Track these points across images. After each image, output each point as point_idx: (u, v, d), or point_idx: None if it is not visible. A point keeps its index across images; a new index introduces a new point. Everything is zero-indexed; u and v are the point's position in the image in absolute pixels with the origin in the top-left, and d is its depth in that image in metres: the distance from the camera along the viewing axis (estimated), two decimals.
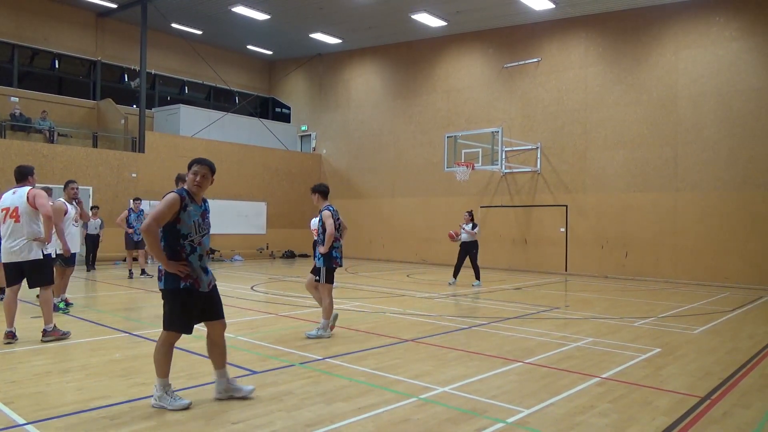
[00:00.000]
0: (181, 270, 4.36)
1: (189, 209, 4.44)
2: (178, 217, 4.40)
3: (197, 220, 4.49)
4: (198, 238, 4.50)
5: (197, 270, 4.47)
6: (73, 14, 21.06)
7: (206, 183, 4.56)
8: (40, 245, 6.71)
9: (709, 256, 15.69)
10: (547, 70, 18.84)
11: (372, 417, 4.36)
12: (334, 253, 7.46)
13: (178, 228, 4.42)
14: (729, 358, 6.57)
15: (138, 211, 14.81)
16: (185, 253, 4.43)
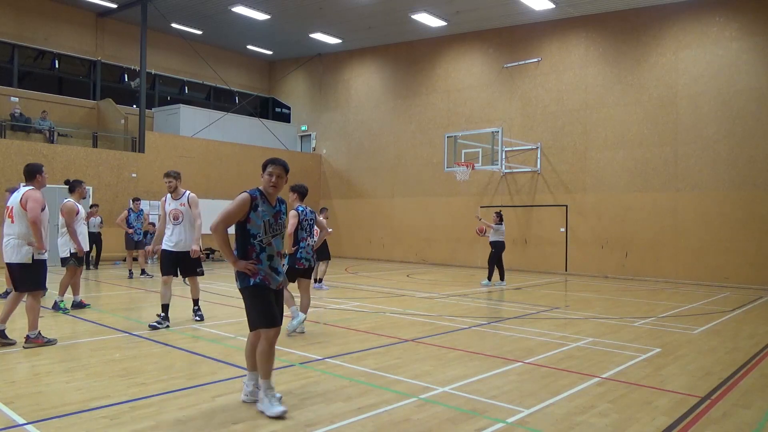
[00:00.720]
0: (248, 268, 4.35)
1: (260, 209, 4.40)
2: (248, 216, 4.38)
3: (268, 221, 4.44)
4: (268, 238, 4.45)
5: (266, 269, 4.43)
6: (73, 14, 21.06)
7: (281, 183, 4.51)
8: (31, 249, 6.48)
9: (709, 256, 15.70)
10: (547, 70, 18.84)
11: (372, 417, 4.36)
12: (299, 254, 7.53)
13: (248, 228, 4.41)
14: (729, 358, 6.57)
15: (138, 211, 14.78)
16: (255, 252, 4.42)
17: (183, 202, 7.98)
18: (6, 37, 19.72)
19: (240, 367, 5.75)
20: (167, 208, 7.99)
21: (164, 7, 19.73)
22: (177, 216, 7.91)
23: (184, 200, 8.00)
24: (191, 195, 8.18)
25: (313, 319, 8.79)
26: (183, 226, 7.98)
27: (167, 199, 8.04)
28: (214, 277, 15.26)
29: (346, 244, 23.47)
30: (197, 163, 21.02)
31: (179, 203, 7.97)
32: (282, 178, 4.51)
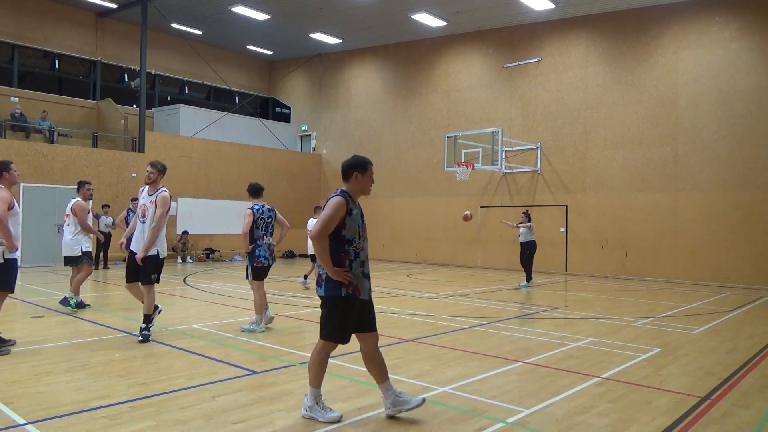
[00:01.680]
0: (345, 278, 4.13)
1: (354, 213, 4.21)
2: (343, 221, 4.16)
3: (361, 224, 4.27)
4: (361, 242, 4.26)
5: (359, 276, 4.21)
6: (73, 14, 21.06)
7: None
8: (2, 249, 6.31)
9: (709, 256, 15.69)
10: (547, 70, 18.84)
11: (372, 417, 4.36)
12: (257, 252, 7.64)
13: (343, 234, 4.17)
14: (729, 358, 6.57)
15: None
16: (349, 259, 4.18)
17: (152, 199, 7.03)
18: (6, 37, 19.71)
19: (240, 367, 5.75)
20: (139, 201, 7.22)
21: (164, 7, 19.73)
22: (144, 213, 6.98)
23: (154, 197, 7.03)
24: (163, 193, 7.12)
25: (313, 319, 8.79)
26: (148, 226, 6.94)
27: (144, 191, 7.25)
28: (214, 277, 15.26)
29: None
30: (197, 163, 21.03)
31: (149, 200, 7.05)
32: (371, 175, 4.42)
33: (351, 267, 4.18)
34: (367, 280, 4.29)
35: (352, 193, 4.28)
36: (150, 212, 6.94)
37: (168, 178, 21.71)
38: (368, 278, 4.31)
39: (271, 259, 7.80)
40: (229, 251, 21.64)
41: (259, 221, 7.71)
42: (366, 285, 4.26)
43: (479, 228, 19.94)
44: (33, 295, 10.93)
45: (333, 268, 4.14)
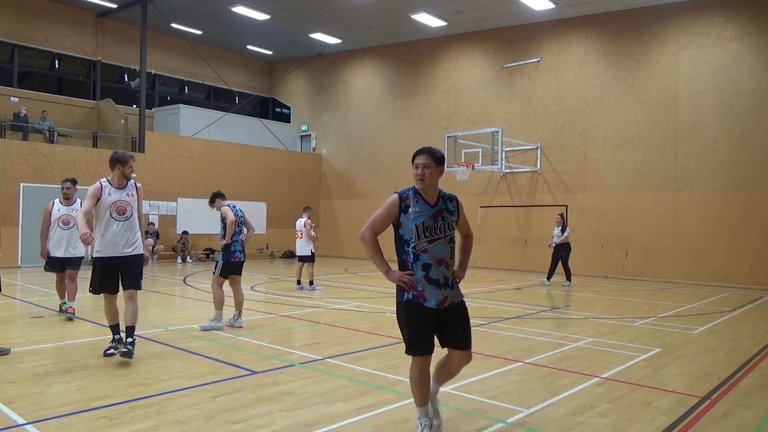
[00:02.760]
0: (403, 280, 3.76)
1: (411, 211, 3.82)
2: (398, 220, 3.91)
3: (423, 223, 3.77)
4: (422, 244, 3.76)
5: (421, 281, 3.74)
6: (73, 14, 21.06)
7: (431, 175, 3.82)
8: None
9: (709, 256, 15.69)
10: (547, 70, 18.84)
11: (372, 417, 4.36)
12: (233, 247, 7.79)
13: (400, 233, 3.90)
14: (729, 358, 6.57)
15: None
16: (409, 261, 3.80)
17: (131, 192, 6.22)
18: (6, 37, 19.71)
19: (240, 367, 5.74)
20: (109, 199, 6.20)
21: (164, 7, 19.73)
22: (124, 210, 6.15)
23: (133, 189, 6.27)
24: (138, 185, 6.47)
25: (313, 319, 8.79)
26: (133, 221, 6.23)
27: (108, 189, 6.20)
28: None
29: (346, 244, 23.47)
30: (197, 163, 21.03)
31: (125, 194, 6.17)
32: (430, 168, 3.81)
33: (413, 270, 3.77)
34: (437, 287, 3.73)
35: (419, 188, 3.87)
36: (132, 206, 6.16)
37: (168, 178, 21.82)
38: (439, 285, 3.74)
39: (243, 256, 7.94)
40: None
41: (239, 219, 7.97)
42: (433, 292, 3.72)
43: (479, 228, 19.92)
44: (33, 295, 10.93)
45: (386, 270, 3.88)
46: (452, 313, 3.78)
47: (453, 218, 3.90)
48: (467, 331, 3.85)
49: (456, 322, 3.81)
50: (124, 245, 6.04)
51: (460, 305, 3.86)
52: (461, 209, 4.02)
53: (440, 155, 3.90)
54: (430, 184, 3.85)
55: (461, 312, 3.85)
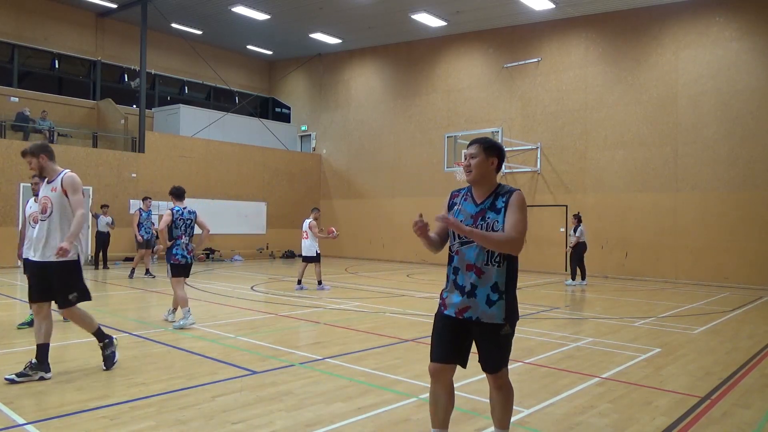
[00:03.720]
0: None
1: (456, 209, 3.44)
2: None
3: (462, 221, 3.32)
4: (456, 245, 3.37)
5: (450, 286, 3.40)
6: (73, 14, 21.06)
7: (480, 166, 3.35)
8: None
9: (709, 256, 15.69)
10: (547, 70, 18.84)
11: (372, 417, 4.36)
12: (174, 250, 8.06)
13: (448, 233, 3.47)
14: (729, 358, 6.57)
15: (148, 210, 14.39)
16: (449, 263, 3.48)
17: (55, 186, 5.34)
18: (6, 37, 19.71)
19: (240, 367, 5.74)
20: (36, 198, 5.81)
21: (164, 7, 19.73)
22: (45, 209, 5.32)
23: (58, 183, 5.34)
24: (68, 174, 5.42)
25: (313, 319, 8.79)
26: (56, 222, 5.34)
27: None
28: (214, 277, 15.27)
29: (346, 244, 23.47)
30: (197, 163, 21.03)
31: (50, 188, 5.37)
32: (477, 158, 3.35)
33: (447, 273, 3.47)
34: (461, 295, 3.31)
35: (468, 181, 3.47)
36: (53, 204, 5.25)
37: (168, 178, 21.86)
38: (463, 292, 3.30)
39: (189, 258, 8.17)
40: (229, 251, 21.63)
41: (178, 221, 8.12)
42: (455, 299, 3.34)
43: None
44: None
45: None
46: (480, 328, 3.32)
47: (496, 217, 3.28)
48: (494, 353, 3.37)
49: (484, 339, 3.35)
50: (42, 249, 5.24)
51: (495, 328, 3.29)
52: (512, 206, 3.28)
53: (491, 144, 3.40)
54: (477, 176, 3.36)
55: (493, 333, 3.31)
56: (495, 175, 3.42)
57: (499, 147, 3.43)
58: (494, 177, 3.42)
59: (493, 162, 3.38)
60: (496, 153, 3.39)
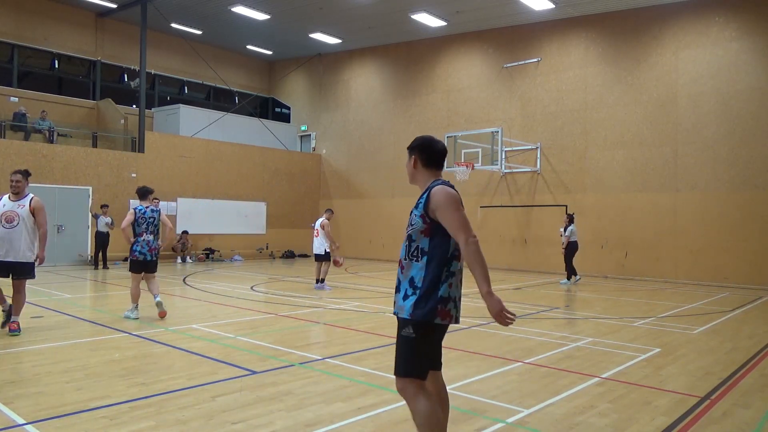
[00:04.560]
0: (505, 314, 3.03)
1: None
2: None
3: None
4: None
5: None
6: (73, 14, 21.05)
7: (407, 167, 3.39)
8: None
9: (709, 256, 15.69)
10: (547, 70, 18.84)
11: (372, 417, 4.36)
12: (134, 247, 8.56)
13: None
14: (729, 358, 6.57)
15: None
16: None
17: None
18: (6, 37, 19.71)
19: (240, 367, 5.74)
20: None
21: (164, 7, 19.72)
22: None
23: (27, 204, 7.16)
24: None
25: (313, 319, 8.79)
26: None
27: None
28: (214, 277, 15.26)
29: (346, 244, 23.45)
30: (197, 163, 21.03)
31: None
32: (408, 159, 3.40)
33: None
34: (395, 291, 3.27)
35: None
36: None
37: (168, 178, 21.81)
38: (395, 288, 3.26)
39: (149, 255, 8.55)
40: (228, 251, 21.63)
41: (140, 220, 8.56)
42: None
43: (479, 228, 19.93)
44: (33, 295, 10.91)
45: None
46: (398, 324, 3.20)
47: (415, 212, 3.18)
48: (396, 353, 3.18)
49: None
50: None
51: (401, 324, 3.14)
52: (431, 202, 3.12)
53: (410, 144, 3.35)
54: (410, 178, 3.39)
55: (399, 330, 3.17)
56: (425, 172, 3.30)
57: (415, 143, 3.34)
58: (425, 174, 3.31)
59: (414, 159, 3.32)
60: (414, 149, 3.32)
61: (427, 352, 3.17)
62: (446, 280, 3.11)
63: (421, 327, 3.08)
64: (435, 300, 3.06)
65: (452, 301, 3.12)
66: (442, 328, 3.17)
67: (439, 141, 3.38)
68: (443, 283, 3.10)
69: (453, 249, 3.14)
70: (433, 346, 3.22)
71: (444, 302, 3.08)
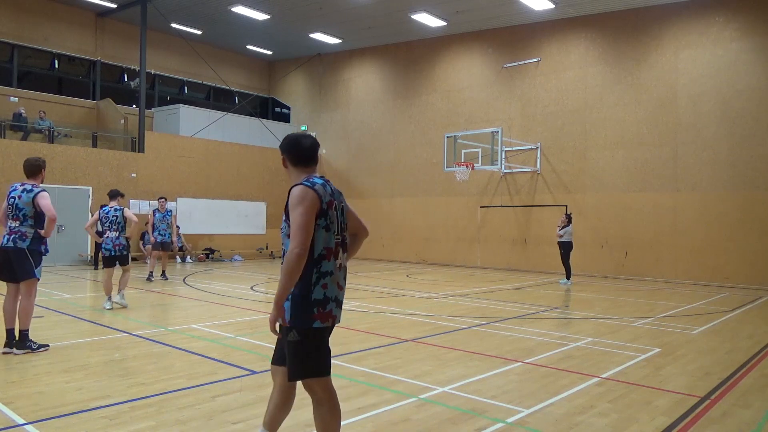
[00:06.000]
0: None
1: None
2: None
3: None
4: None
5: None
6: (73, 14, 21.05)
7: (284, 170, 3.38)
8: None
9: (709, 256, 15.69)
10: (547, 70, 18.84)
11: (372, 417, 4.36)
12: (102, 245, 9.45)
13: None
14: (728, 358, 6.57)
15: (164, 212, 13.56)
16: None
17: None
18: (6, 37, 19.70)
19: (240, 367, 5.74)
20: None
21: (164, 7, 19.72)
22: None
23: None
24: None
25: None
26: None
27: None
28: (214, 277, 15.26)
29: None
30: (197, 163, 21.03)
31: None
32: None
33: None
34: None
35: None
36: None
37: (168, 178, 21.82)
38: None
39: (113, 250, 9.30)
40: (228, 251, 21.63)
41: (103, 219, 9.40)
42: None
43: (479, 228, 19.94)
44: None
45: None
46: None
47: (284, 217, 3.22)
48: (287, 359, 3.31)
49: None
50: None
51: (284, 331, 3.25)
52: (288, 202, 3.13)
53: (280, 144, 3.33)
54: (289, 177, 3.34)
55: (284, 336, 3.28)
56: (295, 171, 3.27)
57: (282, 143, 3.30)
58: (294, 173, 3.27)
59: (284, 159, 3.30)
60: (282, 149, 3.29)
61: (319, 355, 3.18)
62: (318, 281, 3.07)
63: (303, 332, 3.08)
64: (309, 303, 3.04)
65: (331, 302, 3.09)
66: (324, 330, 3.13)
67: (307, 138, 3.29)
68: (315, 284, 3.06)
69: (321, 249, 3.07)
70: (324, 348, 3.19)
71: (321, 304, 3.05)
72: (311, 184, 3.11)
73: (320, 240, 3.07)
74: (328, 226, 3.11)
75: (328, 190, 3.19)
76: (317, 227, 3.06)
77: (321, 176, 3.26)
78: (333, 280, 3.12)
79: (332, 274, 3.12)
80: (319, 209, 3.05)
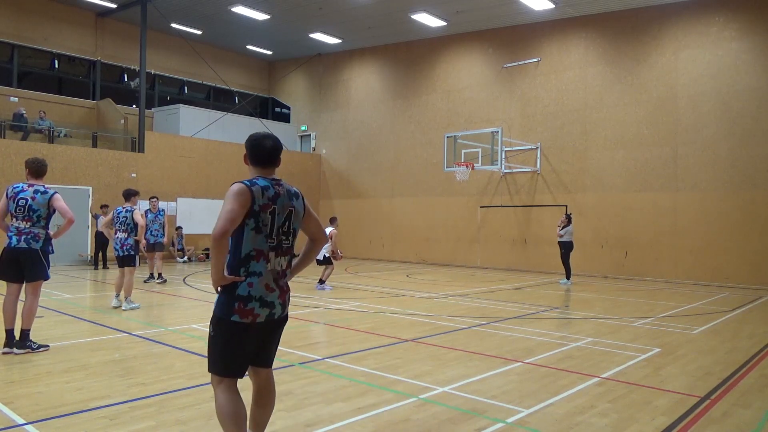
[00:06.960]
0: None
1: None
2: None
3: None
4: None
5: None
6: (73, 14, 21.05)
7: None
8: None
9: (709, 256, 15.69)
10: (547, 70, 18.84)
11: (372, 417, 4.36)
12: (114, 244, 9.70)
13: None
14: (729, 358, 6.57)
15: (156, 212, 13.25)
16: None
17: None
18: (6, 37, 19.70)
19: None
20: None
21: (164, 7, 19.72)
22: None
23: None
24: None
25: (313, 319, 8.79)
26: None
27: None
28: None
29: (345, 244, 23.44)
30: (197, 163, 21.03)
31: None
32: None
33: None
34: None
35: None
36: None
37: (168, 178, 21.81)
38: None
39: (120, 251, 9.49)
40: None
41: (115, 220, 9.59)
42: None
43: (479, 228, 19.95)
44: None
45: None
46: None
47: None
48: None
49: None
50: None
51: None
52: None
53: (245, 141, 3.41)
54: None
55: None
56: (252, 169, 3.35)
57: (246, 141, 3.37)
58: (252, 171, 3.35)
59: (245, 156, 3.38)
60: (246, 147, 3.37)
61: (227, 350, 3.19)
62: (245, 279, 3.15)
63: (217, 324, 3.18)
64: (233, 297, 3.13)
65: (255, 300, 3.14)
66: (243, 326, 3.15)
67: (269, 139, 3.35)
68: (242, 282, 3.14)
69: (250, 249, 3.15)
70: (236, 344, 3.19)
71: (243, 300, 3.12)
72: (251, 183, 3.19)
73: (248, 240, 3.15)
74: (258, 228, 3.16)
75: (269, 193, 3.20)
76: (245, 227, 3.13)
77: (273, 178, 3.31)
78: (261, 281, 3.18)
79: (261, 275, 3.18)
80: (250, 209, 3.11)
